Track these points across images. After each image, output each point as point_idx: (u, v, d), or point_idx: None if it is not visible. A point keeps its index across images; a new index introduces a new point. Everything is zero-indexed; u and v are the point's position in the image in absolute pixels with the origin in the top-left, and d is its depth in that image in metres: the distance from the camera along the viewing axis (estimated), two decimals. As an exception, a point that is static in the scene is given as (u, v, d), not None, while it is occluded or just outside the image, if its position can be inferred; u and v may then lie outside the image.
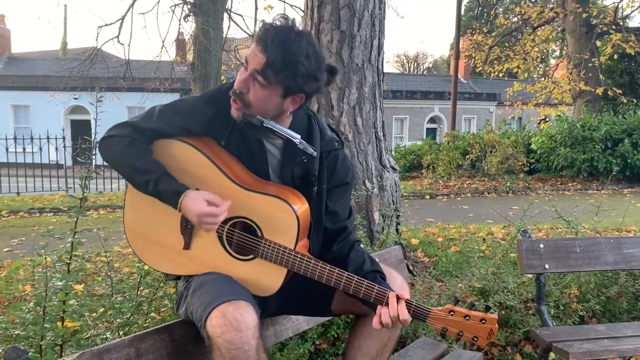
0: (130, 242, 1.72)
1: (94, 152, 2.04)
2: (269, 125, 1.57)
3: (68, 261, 2.05)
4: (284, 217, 1.57)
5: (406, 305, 1.53)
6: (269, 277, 1.60)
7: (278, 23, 1.53)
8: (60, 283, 1.95)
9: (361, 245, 1.82)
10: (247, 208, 1.60)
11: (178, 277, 1.76)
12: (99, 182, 12.19)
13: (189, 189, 1.57)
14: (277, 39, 1.49)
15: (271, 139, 1.67)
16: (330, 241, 1.76)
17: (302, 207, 1.62)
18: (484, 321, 1.53)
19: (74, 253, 2.06)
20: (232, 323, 1.37)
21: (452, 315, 1.55)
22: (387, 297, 1.54)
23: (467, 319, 1.54)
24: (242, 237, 1.61)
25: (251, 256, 1.61)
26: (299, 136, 1.61)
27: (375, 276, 1.66)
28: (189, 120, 1.64)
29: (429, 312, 1.55)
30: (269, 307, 1.75)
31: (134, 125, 1.63)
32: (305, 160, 1.66)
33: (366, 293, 1.56)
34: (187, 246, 1.64)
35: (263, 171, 1.68)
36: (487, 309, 1.58)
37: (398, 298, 1.54)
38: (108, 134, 1.65)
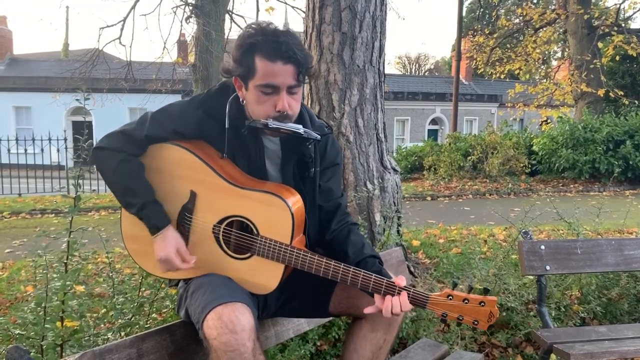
0: (129, 250, 1.74)
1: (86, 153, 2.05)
2: (274, 125, 1.57)
3: (65, 261, 2.06)
4: (278, 212, 1.58)
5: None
6: (267, 274, 1.61)
7: (264, 30, 1.57)
8: (59, 283, 1.96)
9: (359, 229, 1.86)
10: (242, 206, 1.61)
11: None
12: (100, 183, 12.23)
13: (169, 225, 1.61)
14: (285, 44, 1.53)
15: (269, 136, 1.69)
16: (328, 220, 1.79)
17: (296, 202, 1.64)
18: (483, 304, 1.53)
19: (72, 253, 2.06)
20: (228, 325, 1.38)
21: (450, 299, 1.55)
22: (384, 286, 1.56)
23: (466, 303, 1.54)
24: (238, 235, 1.62)
25: (248, 254, 1.62)
26: (301, 126, 1.62)
27: (375, 261, 1.70)
28: (179, 123, 1.65)
29: (428, 297, 1.57)
30: (269, 308, 1.75)
31: (127, 134, 1.65)
32: (310, 146, 1.69)
33: (364, 284, 1.58)
34: None
35: (260, 169, 1.70)
36: (486, 291, 1.57)
37: (397, 291, 1.56)
38: (102, 145, 1.65)
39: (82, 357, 1.34)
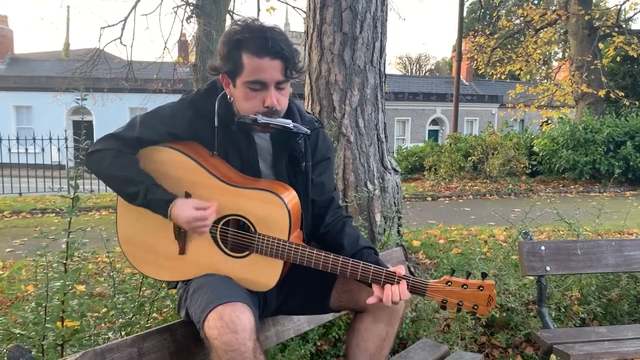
0: (126, 255, 1.73)
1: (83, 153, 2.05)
2: (263, 120, 1.57)
3: (64, 262, 2.06)
4: (274, 209, 1.59)
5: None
6: (266, 271, 1.62)
7: (250, 27, 1.57)
8: (58, 284, 1.96)
9: (352, 222, 1.87)
10: (238, 205, 1.61)
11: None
12: (97, 182, 12.22)
13: (177, 197, 1.59)
14: (272, 40, 1.53)
15: (259, 132, 1.69)
16: (322, 214, 1.80)
17: (291, 198, 1.64)
18: (481, 288, 1.56)
19: (72, 253, 2.07)
20: (229, 325, 1.38)
21: (449, 285, 1.57)
22: (383, 276, 1.58)
23: (465, 288, 1.56)
24: (236, 234, 1.63)
25: (247, 252, 1.62)
26: (290, 121, 1.62)
27: (370, 252, 1.72)
28: (171, 125, 1.65)
29: (427, 285, 1.59)
30: (270, 306, 1.76)
31: (118, 136, 1.65)
32: (300, 141, 1.69)
33: (363, 274, 1.60)
34: (182, 251, 1.65)
35: (253, 166, 1.70)
36: (484, 275, 1.59)
37: (397, 280, 1.57)
38: (94, 149, 1.66)
39: (84, 356, 1.34)
